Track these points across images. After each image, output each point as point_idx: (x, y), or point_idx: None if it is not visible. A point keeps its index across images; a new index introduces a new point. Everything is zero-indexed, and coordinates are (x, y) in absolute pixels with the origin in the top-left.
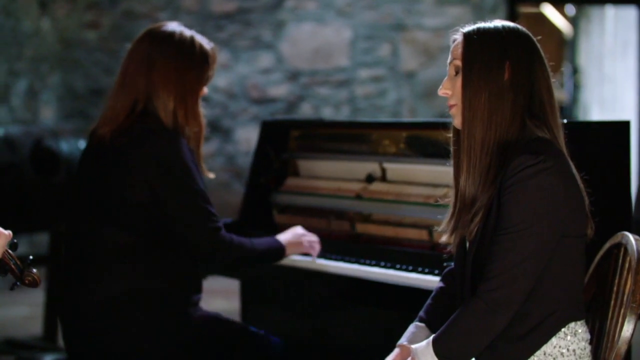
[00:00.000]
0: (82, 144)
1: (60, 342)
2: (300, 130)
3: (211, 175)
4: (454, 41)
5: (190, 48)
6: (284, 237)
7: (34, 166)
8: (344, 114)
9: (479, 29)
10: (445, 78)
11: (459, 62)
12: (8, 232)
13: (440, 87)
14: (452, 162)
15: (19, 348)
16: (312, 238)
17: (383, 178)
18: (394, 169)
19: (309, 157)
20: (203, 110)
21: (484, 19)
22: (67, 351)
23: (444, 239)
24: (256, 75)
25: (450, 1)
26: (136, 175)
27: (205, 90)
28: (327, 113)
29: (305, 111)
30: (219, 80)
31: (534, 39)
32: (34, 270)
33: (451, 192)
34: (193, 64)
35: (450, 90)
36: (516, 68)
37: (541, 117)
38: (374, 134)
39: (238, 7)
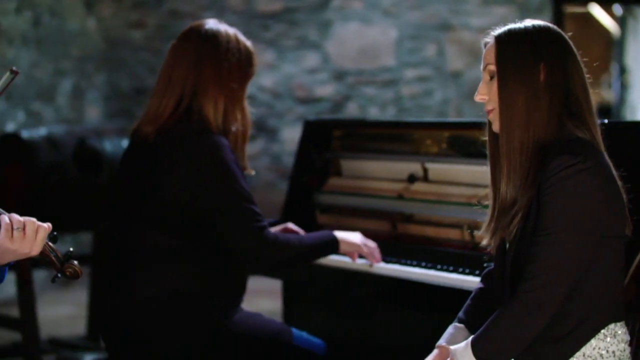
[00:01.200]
0: (125, 143)
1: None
2: (343, 130)
3: (252, 172)
4: (485, 45)
5: (236, 45)
6: (340, 233)
7: (78, 166)
8: (389, 114)
9: (510, 31)
10: (481, 83)
11: (493, 67)
12: (47, 225)
13: (477, 93)
14: (489, 164)
15: (62, 347)
16: (371, 244)
17: (425, 178)
18: (436, 169)
19: (352, 156)
20: (250, 108)
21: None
22: (107, 350)
23: (484, 242)
24: (302, 75)
25: (496, 1)
26: (178, 177)
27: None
28: (373, 113)
29: (351, 111)
30: (265, 79)
31: (566, 37)
32: (75, 262)
33: (490, 195)
34: (240, 60)
35: (486, 96)
36: (551, 68)
37: (578, 116)
38: (416, 134)
39: (284, 6)
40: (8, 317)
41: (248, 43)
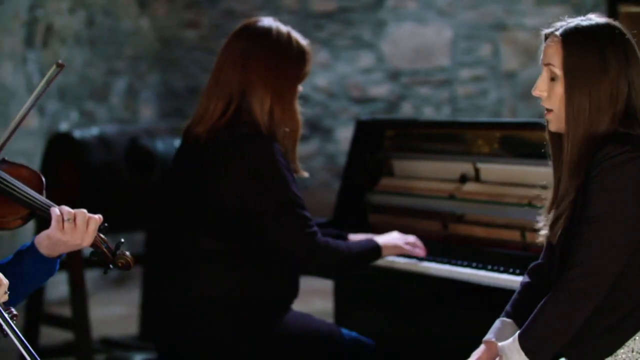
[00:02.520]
0: (178, 143)
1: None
2: (395, 130)
3: (305, 174)
4: (546, 38)
5: (287, 44)
6: (380, 238)
7: (130, 165)
8: (444, 114)
9: (576, 33)
10: (540, 78)
11: (557, 70)
12: (98, 216)
13: (535, 87)
14: (552, 163)
15: (114, 347)
16: (411, 239)
17: (476, 178)
18: (488, 169)
19: (403, 156)
20: (301, 109)
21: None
22: (157, 350)
23: (542, 233)
24: (356, 75)
25: (550, 1)
26: (229, 181)
27: (300, 87)
28: (428, 113)
29: (406, 111)
30: (319, 79)
31: (630, 39)
32: (127, 252)
33: (550, 192)
34: (290, 60)
35: (545, 92)
36: (617, 80)
37: (632, 116)
38: (468, 134)
39: (338, 6)
40: (61, 316)
41: (303, 42)
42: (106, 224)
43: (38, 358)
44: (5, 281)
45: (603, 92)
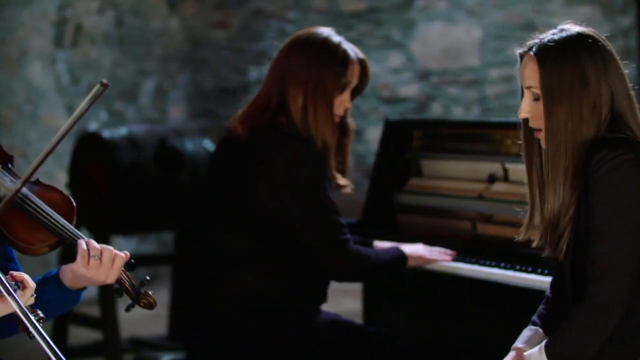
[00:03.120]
0: (207, 143)
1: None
2: (423, 130)
3: (348, 190)
4: (521, 58)
5: (327, 48)
6: (407, 247)
7: (158, 165)
8: (474, 114)
9: (550, 50)
10: (523, 100)
11: (537, 91)
12: (125, 253)
13: (520, 110)
14: (525, 166)
15: (143, 347)
16: (436, 251)
17: (505, 178)
18: (516, 169)
19: (432, 157)
20: (353, 123)
21: (614, 19)
22: (186, 350)
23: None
24: (386, 75)
25: (580, 1)
26: (266, 181)
27: (346, 99)
28: (457, 113)
29: (436, 111)
30: None
31: (606, 44)
32: (150, 292)
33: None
34: (329, 63)
35: (530, 114)
36: (597, 90)
37: (621, 120)
38: (496, 134)
39: (368, 6)
40: (89, 316)
41: (352, 52)
42: (133, 260)
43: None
44: (32, 284)
45: (586, 105)
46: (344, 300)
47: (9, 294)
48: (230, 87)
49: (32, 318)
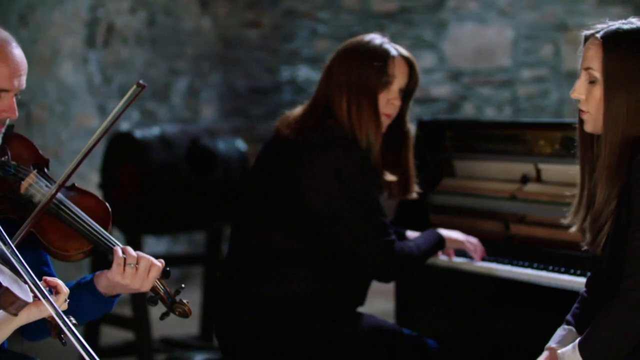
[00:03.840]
0: (239, 143)
1: (216, 341)
2: (456, 130)
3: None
4: (585, 40)
5: (368, 47)
6: (443, 231)
7: (191, 165)
8: (506, 114)
9: (617, 36)
10: (578, 81)
11: (596, 73)
12: (160, 262)
13: (573, 89)
14: (579, 163)
15: (175, 347)
16: (474, 241)
17: (538, 179)
18: (549, 169)
19: (465, 157)
20: (412, 127)
21: None
22: (221, 350)
23: (574, 229)
24: None
25: (612, 1)
26: (311, 182)
27: (397, 101)
28: (489, 113)
29: (468, 111)
30: None
31: None
32: (185, 301)
33: (577, 193)
34: (368, 60)
35: (584, 95)
36: None
37: None
38: (529, 134)
39: (399, 6)
40: (121, 316)
41: (393, 50)
42: (168, 269)
43: None
44: (66, 289)
45: None
46: (375, 301)
47: (45, 297)
48: (262, 87)
49: (68, 322)
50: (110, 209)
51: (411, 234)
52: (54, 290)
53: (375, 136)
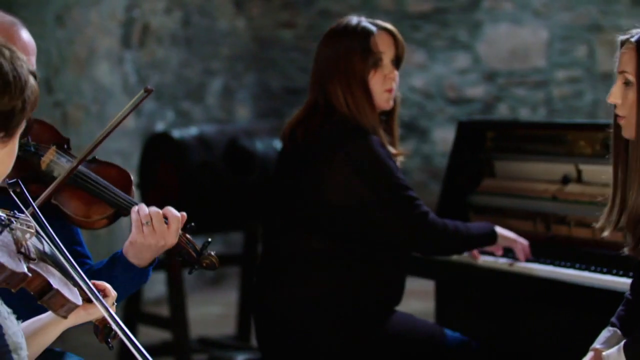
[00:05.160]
0: (277, 143)
1: (253, 341)
2: (496, 131)
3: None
4: (622, 44)
5: (346, 31)
6: (499, 228)
7: (229, 165)
8: (540, 115)
9: None
10: (615, 86)
11: (631, 77)
12: (182, 214)
13: (610, 94)
14: (612, 166)
15: (212, 347)
16: (524, 242)
17: (579, 179)
18: (590, 170)
19: (505, 157)
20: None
21: None
22: (260, 351)
23: (606, 233)
24: (453, 76)
25: None
26: (332, 179)
27: (392, 74)
28: (524, 114)
29: (502, 112)
30: (416, 80)
31: None
32: (212, 252)
33: (610, 196)
34: (350, 45)
35: (619, 100)
36: None
37: None
38: (570, 135)
39: (434, 7)
40: (158, 316)
41: (372, 26)
42: (192, 224)
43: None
44: (114, 293)
45: None
46: (415, 301)
47: (98, 300)
48: (296, 87)
49: (121, 324)
50: (131, 176)
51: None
52: (101, 293)
53: (374, 118)
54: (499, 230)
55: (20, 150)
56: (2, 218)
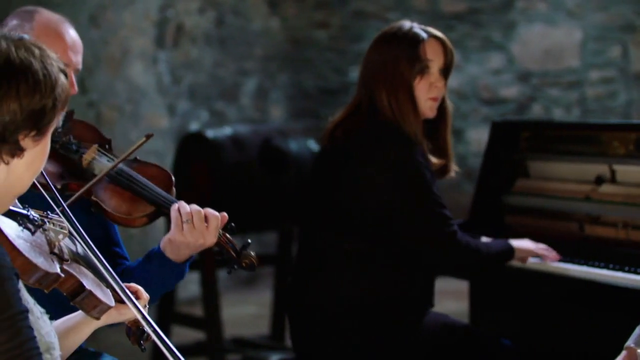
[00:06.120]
0: (311, 143)
1: (287, 341)
2: (530, 131)
3: (452, 175)
4: None
5: (397, 36)
6: (514, 241)
7: (263, 165)
8: (574, 116)
9: None
10: None
11: None
12: (222, 214)
13: None
14: None
15: (246, 346)
16: (543, 247)
17: (612, 180)
18: (624, 170)
19: (539, 158)
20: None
21: None
22: (294, 351)
23: None
24: (487, 76)
25: None
26: (369, 182)
27: (439, 82)
28: (558, 114)
29: (536, 112)
30: (450, 80)
31: None
32: (252, 252)
33: None
34: (399, 50)
35: None
36: None
37: None
38: (603, 136)
39: (468, 7)
40: (192, 316)
41: (422, 32)
42: (233, 224)
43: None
44: (146, 295)
45: None
46: (448, 302)
47: (132, 302)
48: (331, 87)
49: (154, 325)
50: (172, 177)
51: (485, 240)
52: (134, 295)
53: (417, 125)
54: (516, 244)
55: (62, 148)
56: (36, 219)
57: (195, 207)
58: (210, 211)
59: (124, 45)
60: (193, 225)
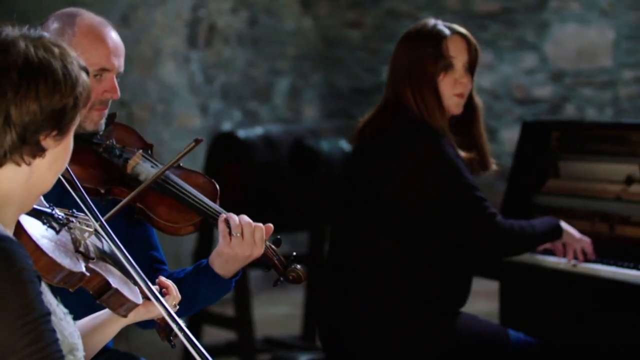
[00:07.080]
0: (343, 143)
1: (319, 341)
2: (561, 131)
3: (494, 167)
4: None
5: (421, 33)
6: (564, 223)
7: (294, 165)
8: (607, 115)
9: None
10: None
11: None
12: (267, 225)
13: None
14: None
15: (277, 346)
16: (587, 240)
17: None
18: None
19: (570, 158)
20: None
21: None
22: (324, 351)
23: None
24: (520, 76)
25: None
26: (401, 179)
27: (464, 78)
28: (591, 114)
29: (569, 112)
30: (483, 80)
31: None
32: (299, 266)
33: None
34: (422, 47)
35: None
36: None
37: None
38: (634, 135)
39: (501, 6)
40: (224, 316)
41: (445, 28)
42: (279, 237)
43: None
44: (176, 293)
45: None
46: (479, 302)
47: (157, 299)
48: (364, 87)
49: (181, 323)
50: (217, 186)
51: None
52: (164, 291)
53: (444, 121)
54: (565, 226)
55: (106, 152)
56: (61, 217)
57: (244, 218)
58: (257, 223)
59: (156, 45)
60: (242, 238)
